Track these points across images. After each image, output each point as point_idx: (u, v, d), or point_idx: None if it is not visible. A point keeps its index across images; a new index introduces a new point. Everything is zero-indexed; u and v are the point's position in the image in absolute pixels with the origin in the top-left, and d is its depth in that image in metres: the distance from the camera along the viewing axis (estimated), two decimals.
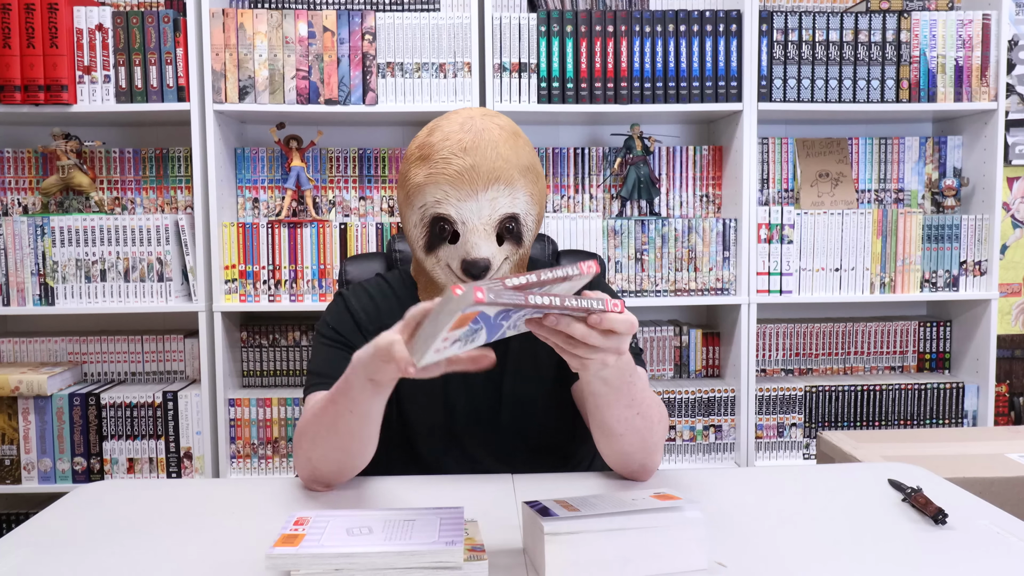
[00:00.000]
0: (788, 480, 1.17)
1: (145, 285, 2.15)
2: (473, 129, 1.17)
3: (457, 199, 1.15)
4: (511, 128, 1.21)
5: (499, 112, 1.24)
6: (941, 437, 1.80)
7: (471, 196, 1.15)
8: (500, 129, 1.19)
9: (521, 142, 1.20)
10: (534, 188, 1.21)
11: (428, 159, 1.17)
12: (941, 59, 2.25)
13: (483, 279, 1.06)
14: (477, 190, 1.15)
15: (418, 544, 0.80)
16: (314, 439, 1.08)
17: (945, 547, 0.90)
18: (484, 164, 1.15)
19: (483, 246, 1.16)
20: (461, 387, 1.27)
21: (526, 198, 1.19)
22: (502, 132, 1.18)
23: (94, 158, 2.32)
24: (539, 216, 1.24)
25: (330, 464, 1.09)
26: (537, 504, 0.86)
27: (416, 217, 1.19)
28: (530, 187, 1.20)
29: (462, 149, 1.15)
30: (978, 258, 2.30)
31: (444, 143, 1.16)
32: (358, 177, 2.34)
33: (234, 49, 2.11)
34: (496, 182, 1.15)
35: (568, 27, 2.17)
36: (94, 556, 0.90)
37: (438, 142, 1.17)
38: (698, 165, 2.40)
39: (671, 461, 2.30)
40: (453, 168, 1.15)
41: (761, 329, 2.41)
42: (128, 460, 2.16)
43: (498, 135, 1.17)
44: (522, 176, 1.18)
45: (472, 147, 1.15)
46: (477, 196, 1.15)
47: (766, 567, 0.85)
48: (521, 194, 1.18)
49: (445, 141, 1.16)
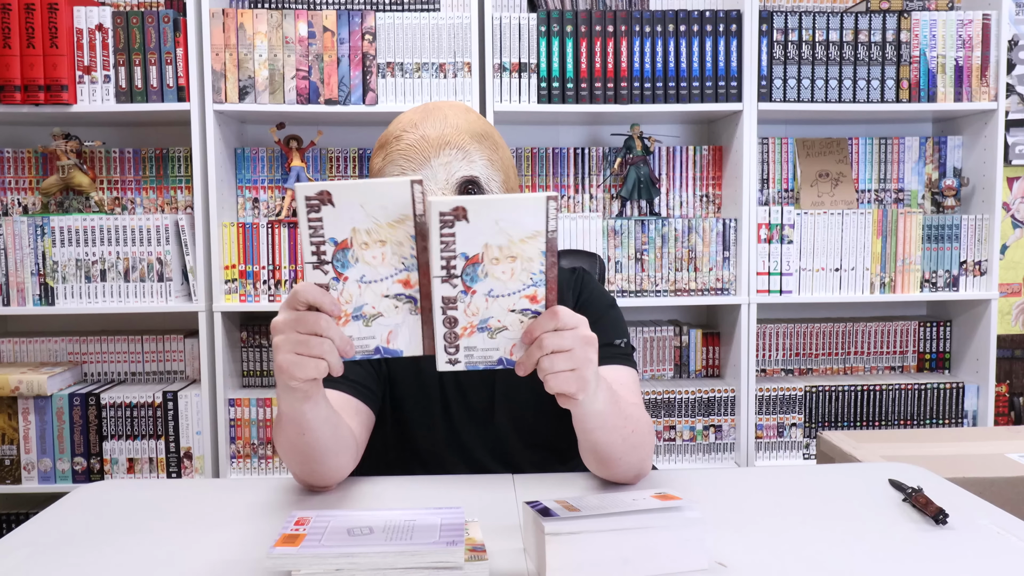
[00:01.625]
0: (788, 480, 1.17)
1: (145, 285, 2.15)
2: (427, 107, 1.20)
3: (412, 169, 1.16)
4: (466, 107, 1.23)
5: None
6: (941, 437, 1.80)
7: (424, 164, 1.15)
8: (452, 106, 1.21)
9: (473, 116, 1.21)
10: (492, 154, 1.20)
11: (385, 144, 1.20)
12: (941, 59, 2.25)
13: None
14: (429, 156, 1.15)
15: (419, 544, 0.80)
16: (286, 456, 1.07)
17: (946, 547, 0.90)
18: (433, 132, 1.16)
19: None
20: (456, 385, 1.27)
21: (483, 162, 1.18)
22: (453, 107, 1.21)
23: (94, 158, 2.32)
24: (505, 184, 1.22)
25: (311, 477, 1.08)
26: (538, 504, 0.86)
27: None
28: (487, 152, 1.19)
29: (412, 124, 1.17)
30: (978, 258, 2.30)
31: (397, 125, 1.20)
32: (358, 177, 2.34)
33: (234, 49, 2.11)
34: (446, 146, 1.16)
35: (568, 27, 2.17)
36: (94, 556, 0.90)
37: (393, 126, 1.20)
38: (698, 165, 2.40)
39: (671, 461, 2.30)
40: (404, 143, 1.16)
41: (761, 329, 2.41)
42: (128, 460, 2.16)
43: (448, 109, 1.20)
44: (475, 141, 1.18)
45: (422, 120, 1.17)
46: (430, 162, 1.15)
47: (766, 567, 0.85)
48: (477, 157, 1.18)
49: (399, 123, 1.19)
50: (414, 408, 1.27)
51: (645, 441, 1.08)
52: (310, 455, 1.04)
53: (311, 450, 1.03)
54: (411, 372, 1.27)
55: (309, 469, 1.07)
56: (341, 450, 1.07)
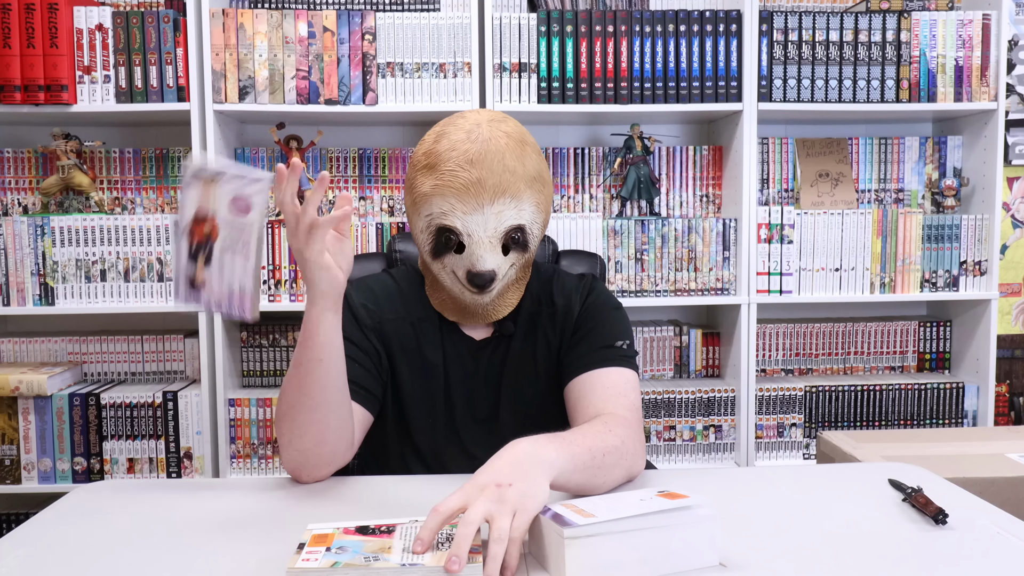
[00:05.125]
0: (788, 480, 1.17)
1: (145, 285, 2.15)
2: (480, 139, 1.15)
3: (463, 212, 1.15)
4: (519, 135, 1.19)
5: (507, 115, 1.24)
6: (941, 437, 1.80)
7: (477, 210, 1.14)
8: (507, 138, 1.17)
9: (528, 150, 1.19)
10: (540, 197, 1.20)
11: (434, 169, 1.16)
12: (941, 59, 2.25)
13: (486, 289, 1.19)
14: (483, 204, 1.14)
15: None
16: (290, 415, 1.09)
17: (945, 547, 0.90)
18: (490, 178, 1.14)
19: (488, 258, 1.17)
20: (461, 384, 1.27)
21: (532, 208, 1.19)
22: (509, 141, 1.17)
23: (94, 158, 2.32)
24: (545, 221, 1.24)
25: (310, 436, 1.09)
26: (547, 510, 0.86)
27: (423, 224, 1.20)
28: (536, 197, 1.19)
29: (468, 161, 1.14)
30: (978, 258, 2.30)
31: (451, 153, 1.15)
32: (358, 177, 2.34)
33: (234, 49, 2.11)
34: (502, 195, 1.15)
35: (568, 27, 2.17)
36: (94, 556, 0.90)
37: (444, 151, 1.16)
38: (698, 165, 2.40)
39: (671, 461, 2.30)
40: (459, 181, 1.14)
41: (761, 329, 2.41)
42: (128, 460, 2.16)
43: (504, 144, 1.16)
44: (528, 187, 1.17)
45: (478, 159, 1.14)
46: (483, 210, 1.14)
47: (766, 567, 0.85)
48: (527, 205, 1.18)
49: (452, 151, 1.15)
50: (416, 404, 1.27)
51: (628, 452, 1.07)
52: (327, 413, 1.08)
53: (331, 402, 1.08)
54: (416, 369, 1.27)
55: (321, 432, 1.09)
56: (342, 428, 1.10)
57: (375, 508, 1.04)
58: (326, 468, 1.13)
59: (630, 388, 1.19)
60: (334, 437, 1.11)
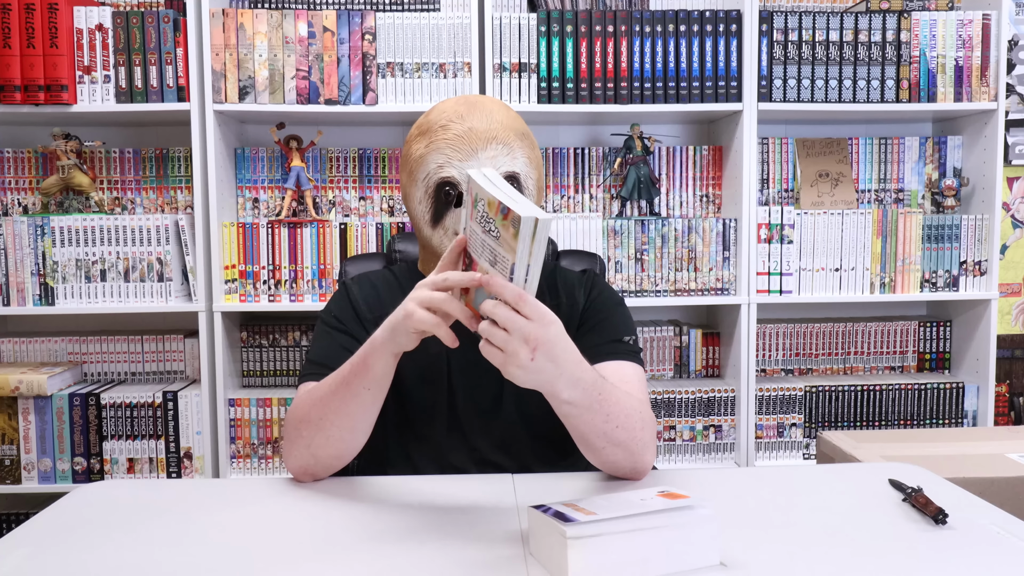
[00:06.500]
0: (788, 480, 1.17)
1: (145, 285, 2.15)
2: (469, 100, 1.25)
3: (459, 160, 1.20)
4: (504, 103, 1.29)
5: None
6: (941, 437, 1.80)
7: (471, 155, 1.20)
8: (493, 101, 1.27)
9: (513, 114, 1.27)
10: (531, 152, 1.26)
11: (427, 132, 1.24)
12: (941, 59, 2.25)
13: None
14: (476, 149, 1.20)
15: None
16: (319, 423, 1.11)
17: (945, 547, 0.90)
18: (480, 125, 1.21)
19: None
20: (464, 375, 1.27)
21: (524, 160, 1.24)
22: (495, 103, 1.26)
23: (94, 158, 2.32)
24: (538, 182, 1.28)
25: (333, 447, 1.12)
26: (548, 509, 0.86)
27: (421, 192, 1.24)
28: (527, 151, 1.25)
29: (459, 116, 1.22)
30: (978, 258, 2.30)
31: (441, 114, 1.23)
32: (358, 177, 2.34)
33: (234, 49, 2.11)
34: (493, 141, 1.21)
35: (568, 27, 2.17)
36: (94, 556, 0.90)
37: (436, 115, 1.24)
38: (698, 165, 2.40)
39: (671, 461, 2.30)
40: (452, 132, 1.21)
41: (761, 329, 2.41)
42: (128, 460, 2.16)
43: (492, 103, 1.25)
44: (518, 139, 1.24)
45: (468, 113, 1.22)
46: (477, 154, 1.20)
47: (766, 567, 0.85)
48: (519, 155, 1.23)
49: (443, 113, 1.23)
50: (418, 397, 1.27)
51: (636, 438, 1.08)
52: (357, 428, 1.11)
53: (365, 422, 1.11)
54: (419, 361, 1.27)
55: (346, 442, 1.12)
56: (359, 446, 1.14)
57: (378, 508, 1.04)
58: (329, 473, 1.16)
59: (637, 383, 1.20)
60: (350, 453, 1.15)
